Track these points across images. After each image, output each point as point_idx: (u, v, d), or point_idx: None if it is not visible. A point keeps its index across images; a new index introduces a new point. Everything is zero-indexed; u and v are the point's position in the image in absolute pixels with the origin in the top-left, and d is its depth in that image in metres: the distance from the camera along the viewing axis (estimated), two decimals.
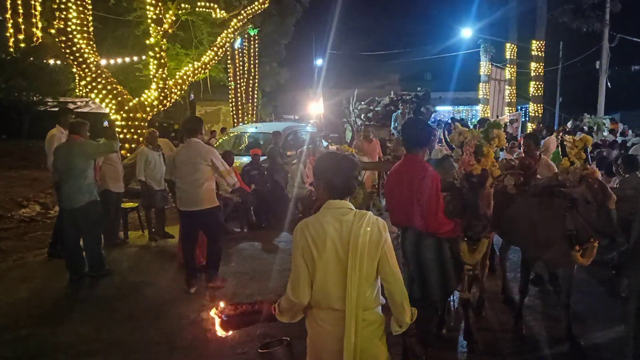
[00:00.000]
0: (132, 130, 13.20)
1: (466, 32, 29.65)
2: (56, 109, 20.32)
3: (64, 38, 12.50)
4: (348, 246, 2.78)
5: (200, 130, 6.73)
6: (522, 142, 12.12)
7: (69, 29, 12.41)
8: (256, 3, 17.95)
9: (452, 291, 4.48)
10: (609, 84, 25.58)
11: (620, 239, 4.19)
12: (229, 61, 21.74)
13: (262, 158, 11.21)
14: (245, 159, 11.76)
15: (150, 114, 14.15)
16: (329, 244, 2.79)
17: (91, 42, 13.06)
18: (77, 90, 16.02)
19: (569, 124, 21.62)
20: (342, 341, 2.76)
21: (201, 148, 6.58)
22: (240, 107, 22.83)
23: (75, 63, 12.88)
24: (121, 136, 12.41)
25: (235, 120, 22.72)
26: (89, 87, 13.17)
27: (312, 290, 2.83)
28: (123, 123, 13.12)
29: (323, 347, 2.86)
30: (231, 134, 15.21)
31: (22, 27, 11.65)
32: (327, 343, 2.83)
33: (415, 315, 2.93)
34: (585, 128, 19.65)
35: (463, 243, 4.51)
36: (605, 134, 19.76)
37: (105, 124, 7.56)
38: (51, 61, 17.12)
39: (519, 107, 29.83)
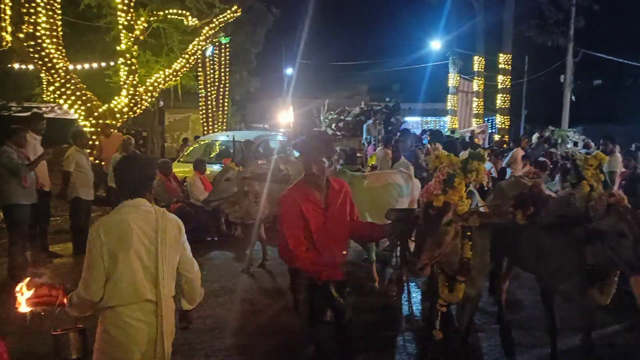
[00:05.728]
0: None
1: (435, 45, 30.05)
2: (20, 114, 19.91)
3: (32, 43, 12.30)
4: (156, 240, 3.06)
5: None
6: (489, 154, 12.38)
7: (37, 34, 12.21)
8: (228, 12, 17.92)
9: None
10: (573, 97, 26.16)
11: None
12: (199, 69, 21.60)
13: None
14: (217, 167, 11.70)
15: (120, 120, 13.99)
16: (136, 239, 3.05)
17: (60, 47, 12.86)
18: (44, 96, 15.71)
19: (534, 137, 22.05)
20: (154, 329, 3.06)
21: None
22: (210, 115, 22.69)
23: (44, 68, 12.67)
24: (90, 142, 12.24)
25: (205, 128, 22.57)
26: (58, 92, 12.97)
27: (117, 288, 3.02)
28: (92, 129, 12.95)
29: (133, 342, 3.04)
30: (202, 142, 15.11)
31: None
32: (138, 337, 3.05)
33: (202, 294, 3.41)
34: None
35: (440, 276, 4.02)
36: (569, 146, 20.20)
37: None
38: (16, 65, 16.77)
39: (486, 119, 30.30)
